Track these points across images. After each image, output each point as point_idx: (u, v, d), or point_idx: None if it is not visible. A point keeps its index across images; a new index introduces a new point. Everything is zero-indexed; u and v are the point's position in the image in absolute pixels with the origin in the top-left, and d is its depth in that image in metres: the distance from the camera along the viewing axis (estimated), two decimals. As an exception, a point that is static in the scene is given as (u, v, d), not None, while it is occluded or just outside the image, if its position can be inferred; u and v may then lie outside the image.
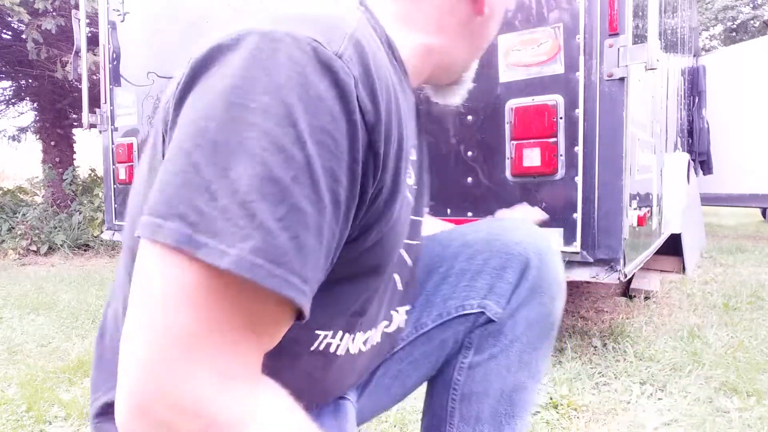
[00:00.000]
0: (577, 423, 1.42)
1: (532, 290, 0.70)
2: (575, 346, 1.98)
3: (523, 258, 0.70)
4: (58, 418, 1.50)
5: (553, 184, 1.63)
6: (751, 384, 1.58)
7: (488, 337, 0.71)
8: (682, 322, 2.30)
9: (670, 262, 3.37)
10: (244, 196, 0.33)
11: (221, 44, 0.39)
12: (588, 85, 1.57)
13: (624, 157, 1.54)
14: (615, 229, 1.57)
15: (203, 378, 0.34)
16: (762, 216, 7.26)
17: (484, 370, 0.71)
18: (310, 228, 0.36)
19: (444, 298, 0.73)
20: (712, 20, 14.61)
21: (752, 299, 2.63)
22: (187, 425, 0.34)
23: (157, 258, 0.34)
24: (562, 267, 0.74)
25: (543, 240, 0.73)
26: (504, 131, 1.71)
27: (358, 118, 0.38)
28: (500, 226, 0.75)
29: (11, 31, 5.58)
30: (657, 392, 1.60)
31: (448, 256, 0.74)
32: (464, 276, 0.72)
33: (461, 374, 0.72)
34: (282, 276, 0.34)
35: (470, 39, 0.61)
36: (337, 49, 0.38)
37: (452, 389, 0.73)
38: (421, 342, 0.73)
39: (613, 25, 1.52)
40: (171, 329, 0.33)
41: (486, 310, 0.71)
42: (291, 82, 0.36)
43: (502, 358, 0.71)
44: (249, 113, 0.35)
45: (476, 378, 0.71)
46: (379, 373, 0.74)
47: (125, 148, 2.81)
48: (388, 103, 0.42)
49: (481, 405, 0.71)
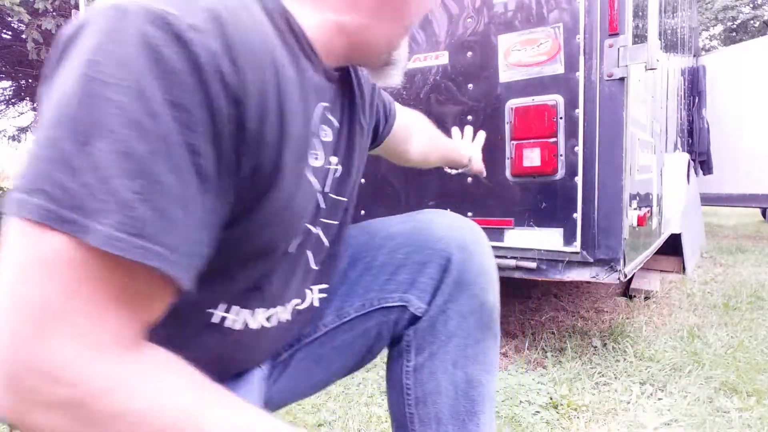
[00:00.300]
0: (577, 423, 1.42)
1: (458, 284, 0.70)
2: (575, 346, 1.98)
3: (444, 254, 0.70)
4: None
5: (553, 184, 1.63)
6: (751, 384, 1.58)
7: (425, 336, 0.72)
8: (682, 322, 2.30)
9: (670, 262, 3.37)
10: (105, 172, 0.34)
11: (83, 20, 0.39)
12: (588, 85, 1.57)
13: (624, 157, 1.54)
14: (615, 229, 1.57)
15: (70, 348, 0.35)
16: (762, 216, 7.26)
17: (429, 369, 0.71)
18: (172, 199, 0.37)
19: (366, 289, 0.73)
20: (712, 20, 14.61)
21: (752, 299, 2.63)
22: (54, 393, 0.34)
23: (22, 233, 0.35)
24: (490, 255, 0.74)
25: (467, 231, 0.73)
26: (504, 131, 1.71)
27: (217, 91, 0.38)
28: (424, 220, 0.74)
29: (11, 31, 5.59)
30: (657, 392, 1.60)
31: (372, 247, 0.74)
32: (386, 269, 0.73)
33: (409, 378, 0.73)
34: (145, 247, 0.35)
35: (390, 16, 0.57)
36: (192, 21, 0.38)
37: (405, 394, 0.73)
38: (343, 330, 0.74)
39: (613, 25, 1.52)
40: (36, 301, 0.34)
41: (408, 304, 0.71)
42: (143, 56, 0.36)
43: (443, 354, 0.71)
44: (105, 88, 0.35)
45: (424, 379, 0.71)
46: (299, 356, 0.74)
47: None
48: (262, 79, 0.42)
49: (437, 405, 0.71)
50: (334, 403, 1.54)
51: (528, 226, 1.69)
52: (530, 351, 1.98)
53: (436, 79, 1.86)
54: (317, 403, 1.54)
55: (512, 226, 1.75)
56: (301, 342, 0.74)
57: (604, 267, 1.60)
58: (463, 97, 1.81)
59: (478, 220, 1.81)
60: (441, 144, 1.08)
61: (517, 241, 1.72)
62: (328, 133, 0.59)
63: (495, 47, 1.72)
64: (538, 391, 1.58)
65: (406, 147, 0.96)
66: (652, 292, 2.76)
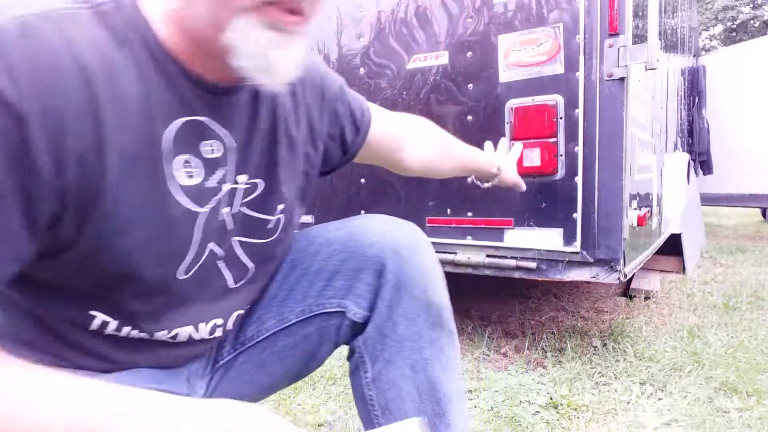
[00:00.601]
0: (577, 423, 1.42)
1: (398, 288, 0.69)
2: (575, 346, 1.98)
3: (378, 260, 0.69)
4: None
5: (553, 184, 1.63)
6: (751, 384, 1.58)
7: (375, 345, 0.71)
8: (682, 322, 2.31)
9: (670, 262, 3.37)
10: None
11: None
12: (588, 85, 1.57)
13: (624, 157, 1.54)
14: (615, 229, 1.57)
15: None
16: (762, 216, 7.26)
17: (387, 377, 0.70)
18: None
19: (304, 295, 0.73)
20: (712, 20, 14.62)
21: (752, 299, 2.63)
22: None
23: None
24: (428, 254, 0.73)
25: (402, 234, 0.72)
26: (504, 131, 1.72)
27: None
28: (358, 226, 0.74)
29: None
30: (657, 392, 1.60)
31: (310, 253, 0.74)
32: (323, 275, 0.73)
33: (370, 389, 0.72)
34: None
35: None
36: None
37: (371, 406, 0.72)
38: (284, 335, 0.74)
39: (613, 25, 1.52)
40: None
41: (346, 310, 0.71)
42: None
43: (399, 360, 0.70)
44: None
45: (384, 387, 0.71)
46: (241, 359, 0.74)
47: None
48: (59, 95, 0.43)
49: (403, 411, 0.70)
50: (334, 403, 1.54)
51: (528, 226, 1.69)
52: (530, 351, 1.98)
53: (436, 79, 1.86)
54: (317, 403, 1.54)
55: (512, 226, 1.75)
56: (244, 346, 0.74)
57: (604, 267, 1.60)
58: (463, 97, 1.81)
59: (478, 220, 1.81)
60: (456, 153, 1.04)
61: (517, 241, 1.72)
62: (214, 149, 0.57)
63: (495, 47, 1.72)
64: (538, 391, 1.58)
65: (399, 156, 0.92)
66: (652, 292, 2.76)
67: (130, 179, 0.48)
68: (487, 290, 3.01)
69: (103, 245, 0.49)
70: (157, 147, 0.51)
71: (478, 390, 1.63)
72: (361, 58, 2.01)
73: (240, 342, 0.74)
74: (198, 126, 0.55)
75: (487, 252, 1.80)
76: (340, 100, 0.77)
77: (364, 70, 2.01)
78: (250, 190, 0.62)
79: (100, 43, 0.47)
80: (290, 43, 0.51)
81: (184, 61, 0.52)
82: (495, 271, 1.78)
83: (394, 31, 1.92)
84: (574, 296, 2.87)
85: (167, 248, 0.54)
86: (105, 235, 0.48)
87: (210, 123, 0.56)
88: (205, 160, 0.56)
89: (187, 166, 0.54)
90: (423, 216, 1.91)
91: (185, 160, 0.54)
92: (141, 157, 0.49)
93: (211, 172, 0.57)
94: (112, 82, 0.46)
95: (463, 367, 1.84)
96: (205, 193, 0.56)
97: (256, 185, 0.62)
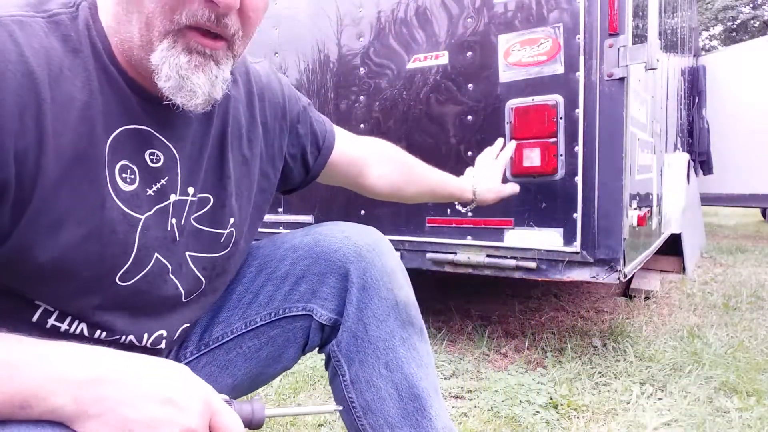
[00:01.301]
0: (577, 423, 1.42)
1: (364, 290, 0.71)
2: (575, 346, 1.98)
3: (341, 264, 0.72)
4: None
5: (553, 184, 1.63)
6: (751, 384, 1.58)
7: (350, 347, 0.73)
8: (682, 322, 2.31)
9: (670, 262, 3.37)
10: None
11: None
12: (588, 85, 1.57)
13: (624, 157, 1.54)
14: (615, 229, 1.57)
15: None
16: (762, 216, 7.26)
17: (365, 378, 0.72)
18: None
19: (270, 298, 0.75)
20: (712, 20, 14.62)
21: (752, 299, 2.63)
22: None
23: None
24: (390, 255, 0.75)
25: (364, 237, 0.74)
26: (504, 131, 1.72)
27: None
28: (323, 232, 0.76)
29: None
30: (657, 392, 1.60)
31: (276, 258, 0.76)
32: (289, 279, 0.75)
33: (350, 391, 0.73)
34: None
35: (125, 7, 0.51)
36: None
37: (352, 408, 0.73)
38: (249, 337, 0.76)
39: (613, 25, 1.52)
40: None
41: (312, 313, 0.74)
42: None
43: (374, 360, 0.71)
44: None
45: (362, 389, 0.72)
46: (205, 360, 0.76)
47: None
48: (1, 96, 0.45)
49: (385, 411, 0.71)
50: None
51: (528, 226, 1.69)
52: (530, 351, 1.98)
53: (436, 79, 1.86)
54: (317, 403, 1.54)
55: (512, 226, 1.75)
56: (208, 347, 0.76)
57: (604, 267, 1.60)
58: (463, 97, 1.81)
59: (478, 220, 1.81)
60: (422, 178, 1.04)
61: (517, 241, 1.72)
62: (158, 159, 0.59)
63: (495, 47, 1.72)
64: (538, 391, 1.58)
65: (362, 179, 0.94)
66: (652, 292, 2.77)
67: (67, 180, 0.50)
68: (487, 290, 3.01)
69: (37, 240, 0.50)
70: (99, 151, 0.53)
71: (478, 390, 1.63)
72: (361, 58, 2.01)
73: (204, 343, 0.76)
74: (142, 135, 0.57)
75: (487, 252, 1.80)
76: (302, 122, 0.81)
77: (364, 70, 2.01)
78: (201, 205, 0.64)
79: (48, 49, 0.49)
80: (209, 66, 0.54)
81: (132, 74, 0.55)
82: (495, 271, 1.78)
83: (394, 31, 1.92)
84: (574, 296, 2.87)
85: (103, 250, 0.55)
86: (39, 230, 0.50)
87: (155, 133, 0.58)
88: (147, 169, 0.58)
89: (127, 172, 0.56)
90: (423, 216, 1.91)
91: (125, 166, 0.56)
92: (81, 159, 0.51)
93: (152, 181, 0.58)
94: (57, 88, 0.49)
95: (463, 367, 1.84)
96: (145, 200, 0.58)
97: (207, 200, 0.65)
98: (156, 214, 0.59)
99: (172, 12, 0.49)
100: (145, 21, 0.50)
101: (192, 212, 0.63)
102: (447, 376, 1.78)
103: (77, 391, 0.42)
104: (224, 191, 0.66)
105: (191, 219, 0.64)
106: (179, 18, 0.50)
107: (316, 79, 2.14)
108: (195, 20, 0.50)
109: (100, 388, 0.43)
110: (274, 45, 2.23)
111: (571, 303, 2.73)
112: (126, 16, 0.51)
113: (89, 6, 0.54)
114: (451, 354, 1.98)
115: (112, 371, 0.44)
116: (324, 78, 2.12)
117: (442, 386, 1.68)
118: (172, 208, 0.61)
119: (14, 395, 0.40)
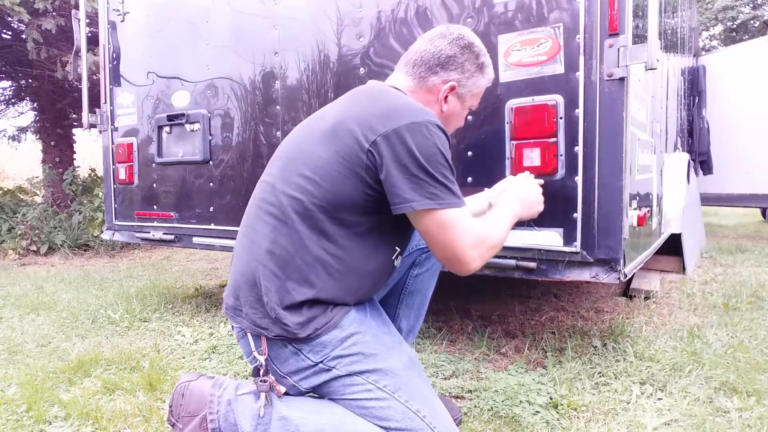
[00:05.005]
0: (577, 423, 1.42)
1: (428, 258, 1.44)
2: (575, 346, 1.98)
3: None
4: (58, 418, 1.50)
5: (553, 184, 1.63)
6: (751, 384, 1.58)
7: (425, 261, 1.43)
8: (682, 322, 2.31)
9: (670, 262, 3.37)
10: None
11: None
12: (588, 85, 1.57)
13: (624, 157, 1.54)
14: (615, 229, 1.57)
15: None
16: (762, 216, 7.26)
17: (422, 278, 1.44)
18: None
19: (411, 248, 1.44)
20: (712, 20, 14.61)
21: (752, 299, 2.63)
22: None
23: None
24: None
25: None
26: (504, 131, 1.71)
27: None
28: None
29: (11, 31, 5.58)
30: (657, 392, 1.60)
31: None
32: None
33: (411, 280, 1.44)
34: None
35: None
36: None
37: (405, 287, 1.44)
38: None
39: (613, 25, 1.52)
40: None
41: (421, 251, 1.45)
42: None
43: (429, 274, 1.45)
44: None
45: (417, 283, 1.44)
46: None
47: (125, 148, 2.81)
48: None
49: (415, 299, 1.45)
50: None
51: (528, 226, 1.69)
52: (530, 351, 1.98)
53: (436, 79, 1.85)
54: (317, 403, 1.54)
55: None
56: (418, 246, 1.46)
57: (604, 267, 1.60)
58: (463, 97, 1.80)
59: (478, 220, 1.80)
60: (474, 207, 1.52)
61: (517, 241, 1.72)
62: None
63: (495, 47, 1.71)
64: (538, 391, 1.58)
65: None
66: (652, 292, 2.77)
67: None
68: (487, 290, 3.01)
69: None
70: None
71: (478, 390, 1.63)
72: (361, 58, 2.01)
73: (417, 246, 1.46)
74: None
75: (487, 252, 1.80)
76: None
77: (364, 70, 2.01)
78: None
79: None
80: None
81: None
82: (495, 271, 1.78)
83: (394, 31, 1.92)
84: (574, 296, 2.87)
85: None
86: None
87: None
88: None
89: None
90: (423, 216, 1.91)
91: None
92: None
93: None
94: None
95: (463, 367, 1.84)
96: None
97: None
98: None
99: None
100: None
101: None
102: (447, 376, 1.78)
103: (516, 203, 1.31)
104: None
105: None
106: None
107: (316, 79, 2.14)
108: None
109: (517, 195, 1.35)
110: (274, 45, 2.23)
111: (571, 303, 2.73)
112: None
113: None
114: (451, 354, 1.98)
115: (516, 191, 1.36)
116: (324, 78, 2.12)
117: (442, 386, 1.68)
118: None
119: (512, 221, 1.26)
